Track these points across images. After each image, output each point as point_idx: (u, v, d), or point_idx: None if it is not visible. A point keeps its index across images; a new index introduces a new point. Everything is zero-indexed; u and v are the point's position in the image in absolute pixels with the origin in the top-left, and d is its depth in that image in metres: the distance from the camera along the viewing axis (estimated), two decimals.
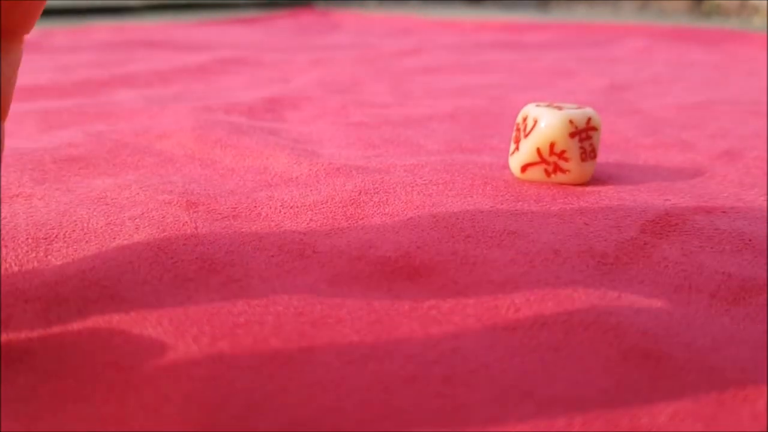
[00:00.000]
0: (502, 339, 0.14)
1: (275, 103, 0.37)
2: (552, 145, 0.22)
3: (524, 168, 0.23)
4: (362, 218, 0.20)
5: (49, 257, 0.17)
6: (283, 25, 0.89)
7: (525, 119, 0.23)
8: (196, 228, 0.19)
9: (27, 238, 0.18)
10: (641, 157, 0.27)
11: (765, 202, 0.21)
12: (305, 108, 0.37)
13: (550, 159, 0.23)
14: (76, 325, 0.14)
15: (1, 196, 0.22)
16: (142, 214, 0.20)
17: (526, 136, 0.23)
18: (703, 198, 0.22)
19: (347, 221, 0.19)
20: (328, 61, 0.54)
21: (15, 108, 0.35)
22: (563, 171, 0.23)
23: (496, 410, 0.12)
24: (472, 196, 0.21)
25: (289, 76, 0.48)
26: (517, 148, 0.23)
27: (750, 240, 0.18)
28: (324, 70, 0.50)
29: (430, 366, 0.13)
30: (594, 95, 0.41)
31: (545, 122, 0.22)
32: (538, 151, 0.22)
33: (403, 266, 0.17)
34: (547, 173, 0.23)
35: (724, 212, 0.20)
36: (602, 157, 0.27)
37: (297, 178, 0.24)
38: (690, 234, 0.19)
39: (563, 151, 0.22)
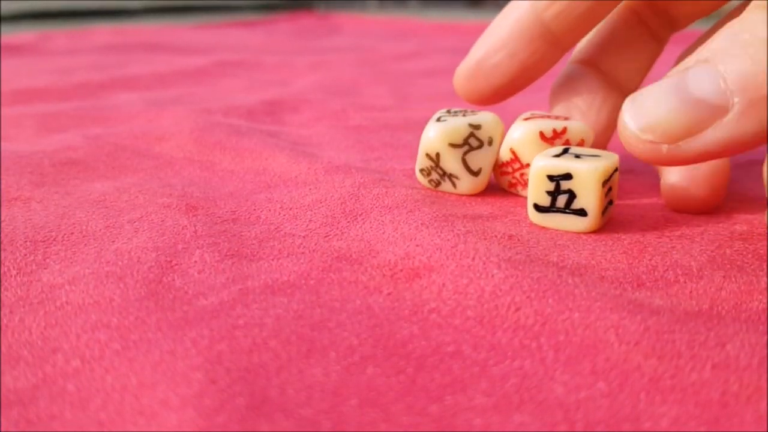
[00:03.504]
0: (503, 340, 0.14)
1: (275, 106, 0.37)
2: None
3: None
4: (362, 213, 0.20)
5: (48, 260, 0.17)
6: (282, 28, 0.90)
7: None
8: (195, 231, 0.19)
9: (25, 241, 0.18)
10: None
11: (765, 205, 0.21)
12: (304, 111, 0.37)
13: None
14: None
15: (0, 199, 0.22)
16: (141, 217, 0.20)
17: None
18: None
19: (347, 219, 0.19)
20: (328, 64, 0.54)
21: (13, 111, 0.35)
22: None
23: (496, 413, 0.11)
24: (471, 201, 0.21)
25: (289, 79, 0.48)
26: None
27: (748, 243, 0.18)
28: (324, 73, 0.50)
29: (430, 370, 0.13)
30: None
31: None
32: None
33: (403, 268, 0.16)
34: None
35: (725, 214, 0.20)
36: None
37: (296, 177, 0.24)
38: (691, 239, 0.19)
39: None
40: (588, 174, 0.18)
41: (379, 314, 0.15)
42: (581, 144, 0.20)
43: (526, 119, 0.21)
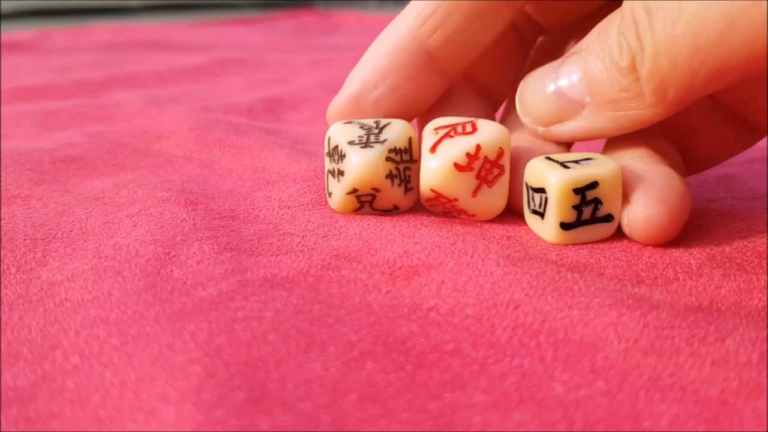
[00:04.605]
0: (502, 338, 0.14)
1: (274, 104, 0.37)
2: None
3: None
4: (360, 214, 0.20)
5: (47, 257, 0.17)
6: (282, 25, 0.89)
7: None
8: (194, 224, 0.19)
9: (25, 239, 0.18)
10: None
11: (765, 202, 0.21)
12: (304, 109, 0.37)
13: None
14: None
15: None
16: (140, 211, 0.20)
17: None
18: (701, 202, 0.22)
19: (345, 218, 0.19)
20: (328, 62, 0.54)
21: (13, 109, 0.35)
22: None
23: (496, 412, 0.11)
24: None
25: (289, 77, 0.48)
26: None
27: (747, 240, 0.18)
28: (323, 71, 0.50)
29: (429, 367, 0.13)
30: None
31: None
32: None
33: (401, 266, 0.16)
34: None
35: (725, 212, 0.20)
36: None
37: (295, 175, 0.24)
38: (690, 237, 0.19)
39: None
40: (612, 177, 0.17)
41: (378, 312, 0.15)
42: (501, 154, 0.18)
43: (433, 148, 0.18)
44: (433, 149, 0.18)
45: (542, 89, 0.18)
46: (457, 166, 0.18)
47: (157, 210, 0.20)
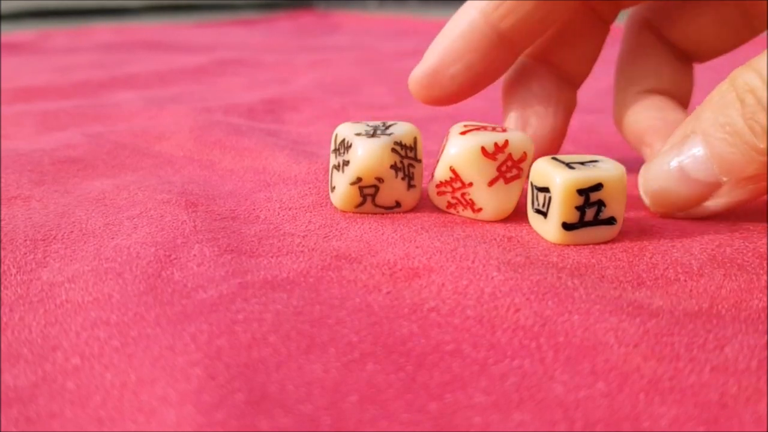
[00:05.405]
0: (502, 340, 0.14)
1: (275, 105, 0.37)
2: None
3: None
4: (361, 216, 0.20)
5: (47, 258, 0.17)
6: (282, 26, 0.89)
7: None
8: (195, 226, 0.19)
9: (25, 240, 0.18)
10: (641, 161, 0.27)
11: (765, 203, 0.21)
12: (305, 109, 0.37)
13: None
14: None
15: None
16: (141, 213, 0.20)
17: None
18: None
19: (346, 220, 0.19)
20: (328, 62, 0.54)
21: (13, 109, 0.35)
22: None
23: (496, 412, 0.11)
24: None
25: (289, 78, 0.48)
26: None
27: (748, 241, 0.18)
28: (323, 72, 0.50)
29: (430, 367, 0.13)
30: (597, 96, 0.41)
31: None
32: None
33: (402, 268, 0.16)
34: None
35: (721, 215, 0.20)
36: None
37: (296, 176, 0.24)
38: (692, 238, 0.19)
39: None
40: (618, 180, 0.17)
41: (378, 312, 0.15)
42: (524, 158, 0.19)
43: (463, 133, 0.19)
44: (463, 134, 0.19)
45: (670, 179, 0.19)
46: (483, 150, 0.19)
47: (157, 212, 0.20)
